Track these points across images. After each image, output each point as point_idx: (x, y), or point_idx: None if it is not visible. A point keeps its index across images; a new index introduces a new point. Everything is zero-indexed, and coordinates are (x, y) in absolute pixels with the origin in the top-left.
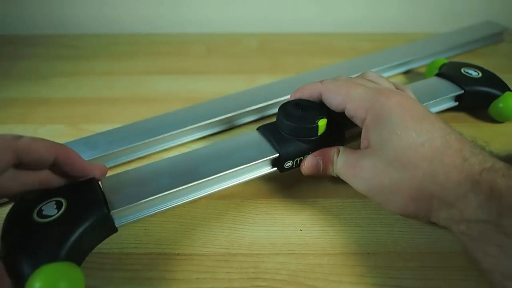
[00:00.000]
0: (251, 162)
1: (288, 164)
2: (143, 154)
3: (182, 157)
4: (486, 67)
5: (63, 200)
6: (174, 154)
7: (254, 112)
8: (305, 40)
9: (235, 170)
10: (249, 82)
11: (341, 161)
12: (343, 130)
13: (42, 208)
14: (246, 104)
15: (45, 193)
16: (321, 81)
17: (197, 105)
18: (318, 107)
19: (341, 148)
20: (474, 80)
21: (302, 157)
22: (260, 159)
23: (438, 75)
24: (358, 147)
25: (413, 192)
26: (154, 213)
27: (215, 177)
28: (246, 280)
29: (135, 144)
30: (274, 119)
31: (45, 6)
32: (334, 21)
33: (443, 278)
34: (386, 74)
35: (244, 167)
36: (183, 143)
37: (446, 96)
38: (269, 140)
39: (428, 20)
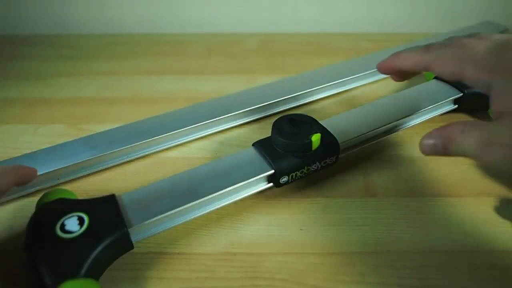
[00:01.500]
0: (247, 180)
1: (284, 179)
2: (143, 154)
3: (190, 173)
4: None
5: (85, 216)
6: (174, 154)
7: (254, 112)
8: (305, 40)
9: (233, 188)
10: (249, 82)
11: (470, 139)
12: (338, 143)
13: (65, 222)
14: (246, 104)
15: (67, 207)
16: (427, 48)
17: (197, 105)
18: (311, 121)
19: (467, 123)
20: None
21: (298, 172)
22: (256, 176)
23: (436, 78)
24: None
25: None
26: (168, 229)
27: (216, 195)
28: (246, 280)
29: (135, 144)
30: (274, 119)
31: (45, 6)
32: (334, 21)
33: (443, 278)
34: (385, 75)
35: (241, 185)
36: (183, 143)
37: (445, 100)
38: (264, 157)
39: (428, 20)
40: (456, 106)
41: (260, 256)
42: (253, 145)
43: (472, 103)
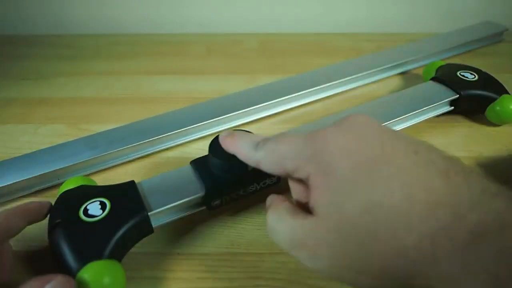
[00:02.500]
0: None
1: (216, 202)
2: (143, 154)
3: None
4: (483, 69)
5: (106, 201)
6: (174, 154)
7: (254, 112)
8: (305, 40)
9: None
10: (249, 82)
11: (278, 231)
12: None
13: (88, 207)
14: (246, 104)
15: (89, 192)
16: (260, 143)
17: (197, 105)
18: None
19: (280, 207)
20: (470, 84)
21: (233, 194)
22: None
23: (433, 79)
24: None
25: (378, 272)
26: (185, 215)
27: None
28: (246, 280)
29: (135, 144)
30: (274, 119)
31: (45, 6)
32: (334, 21)
33: None
34: (385, 74)
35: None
36: (183, 143)
37: (440, 101)
38: (198, 176)
39: (428, 20)
40: (452, 108)
41: (260, 256)
42: (190, 163)
43: (469, 105)
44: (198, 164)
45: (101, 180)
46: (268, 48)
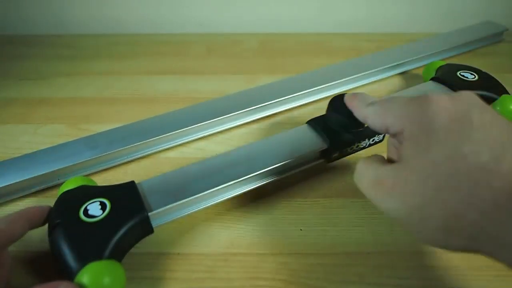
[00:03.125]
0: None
1: (336, 155)
2: (143, 154)
3: (213, 161)
4: (483, 69)
5: (107, 202)
6: (174, 154)
7: (254, 112)
8: (305, 40)
9: (282, 164)
10: (249, 82)
11: (363, 174)
12: None
13: (88, 207)
14: (246, 104)
15: (89, 193)
16: (372, 102)
17: (197, 105)
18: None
19: (372, 157)
20: (470, 84)
21: (348, 148)
22: (310, 149)
23: (433, 79)
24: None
25: (450, 220)
26: (186, 215)
27: (236, 182)
28: (246, 280)
29: (135, 144)
30: (274, 119)
31: (45, 6)
32: (334, 21)
33: (443, 278)
34: (385, 75)
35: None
36: (183, 143)
37: None
38: (319, 133)
39: (428, 20)
40: None
41: (260, 256)
42: (307, 122)
43: None
44: (315, 122)
45: (101, 180)
46: (268, 48)
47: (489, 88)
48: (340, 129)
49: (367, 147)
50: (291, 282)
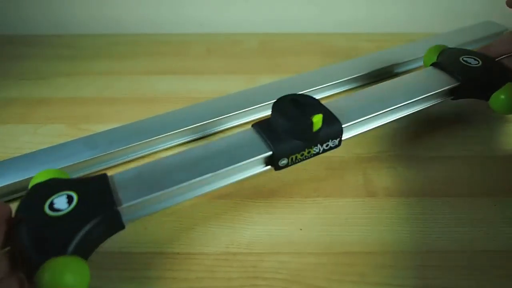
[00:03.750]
0: (245, 160)
1: (283, 162)
2: (143, 154)
3: (185, 154)
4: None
5: (74, 195)
6: (174, 153)
7: (254, 112)
8: (305, 40)
9: (230, 169)
10: (249, 82)
11: None
12: (340, 125)
13: (54, 201)
14: (246, 104)
15: (57, 185)
16: None
17: (197, 105)
18: (313, 102)
19: None
20: (472, 70)
21: (297, 155)
22: (254, 157)
23: (433, 64)
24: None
25: None
26: (160, 210)
27: (211, 175)
28: (245, 279)
29: (135, 144)
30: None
31: (45, 6)
32: (334, 21)
33: (443, 277)
34: (385, 75)
35: (239, 165)
36: (183, 142)
37: (439, 90)
38: (263, 138)
39: (428, 20)
40: (452, 97)
41: (260, 256)
42: (252, 126)
43: (470, 93)
44: (261, 126)
45: None
46: (268, 48)
47: (493, 75)
48: (285, 134)
49: (321, 152)
50: (291, 281)
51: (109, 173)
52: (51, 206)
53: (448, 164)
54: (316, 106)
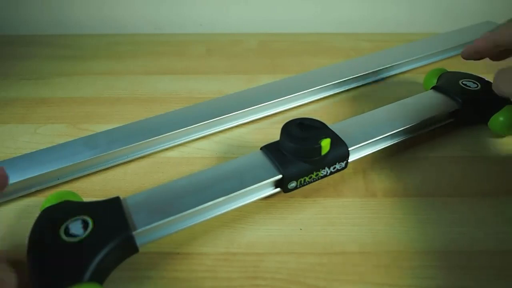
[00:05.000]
0: (255, 184)
1: (292, 184)
2: (143, 154)
3: (196, 177)
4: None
5: (89, 220)
6: (174, 154)
7: (254, 112)
8: (305, 40)
9: (241, 193)
10: (249, 82)
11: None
12: (347, 148)
13: (69, 226)
14: (246, 104)
15: (71, 210)
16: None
17: (197, 105)
18: (320, 126)
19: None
20: (472, 94)
21: (306, 177)
22: (264, 180)
23: (434, 88)
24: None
25: None
26: (172, 233)
27: (222, 199)
28: (246, 279)
29: (135, 144)
30: (274, 119)
31: (45, 6)
32: (334, 21)
33: (444, 277)
34: (385, 74)
35: (250, 189)
36: (183, 143)
37: (440, 113)
38: (272, 161)
39: (428, 20)
40: (453, 119)
41: (260, 256)
42: (261, 149)
43: (471, 115)
44: (270, 149)
45: (101, 180)
46: (268, 48)
47: (492, 98)
48: (294, 157)
49: (329, 175)
50: (290, 281)
51: (110, 173)
52: (66, 232)
53: (447, 164)
54: (323, 129)
